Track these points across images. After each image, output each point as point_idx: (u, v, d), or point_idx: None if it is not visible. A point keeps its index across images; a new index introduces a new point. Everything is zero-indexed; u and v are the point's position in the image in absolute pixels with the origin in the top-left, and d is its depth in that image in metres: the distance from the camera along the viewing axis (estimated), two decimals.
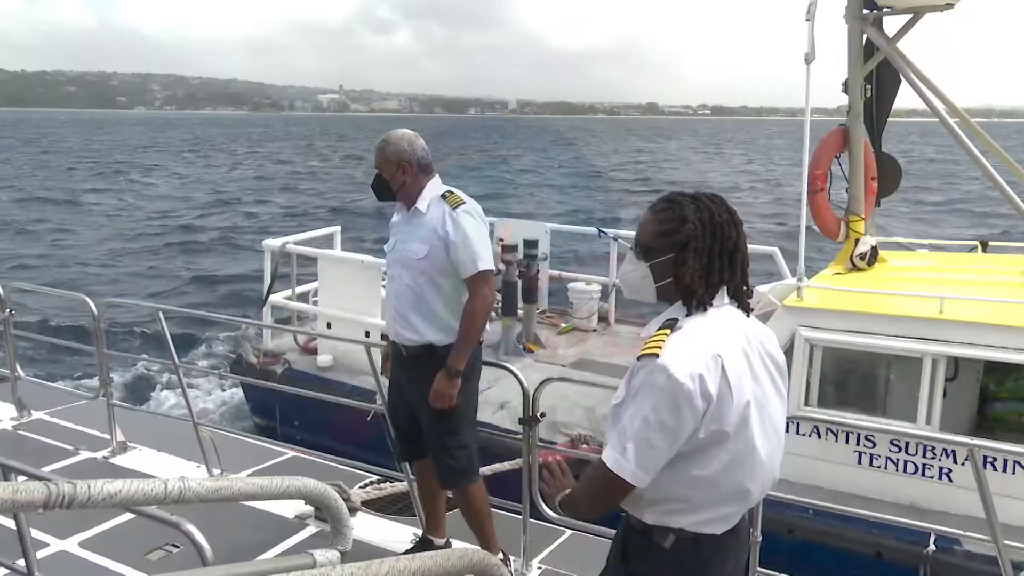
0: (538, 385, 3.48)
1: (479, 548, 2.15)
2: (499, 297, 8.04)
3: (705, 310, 1.85)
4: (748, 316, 1.94)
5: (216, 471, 4.68)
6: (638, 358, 1.80)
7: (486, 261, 3.26)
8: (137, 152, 62.24)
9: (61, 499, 1.31)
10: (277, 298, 7.40)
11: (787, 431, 2.04)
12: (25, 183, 36.08)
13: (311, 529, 4.11)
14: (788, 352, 5.15)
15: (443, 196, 3.31)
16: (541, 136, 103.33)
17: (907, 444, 4.97)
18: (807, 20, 5.43)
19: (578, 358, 7.38)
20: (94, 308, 5.02)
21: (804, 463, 5.01)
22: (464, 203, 3.29)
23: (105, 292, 12.74)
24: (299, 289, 7.60)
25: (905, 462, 4.98)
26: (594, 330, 8.18)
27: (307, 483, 1.88)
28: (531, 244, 7.70)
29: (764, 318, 5.44)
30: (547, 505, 3.19)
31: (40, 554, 2.76)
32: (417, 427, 3.51)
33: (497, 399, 6.23)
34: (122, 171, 43.41)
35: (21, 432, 5.47)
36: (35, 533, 2.62)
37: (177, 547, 3.78)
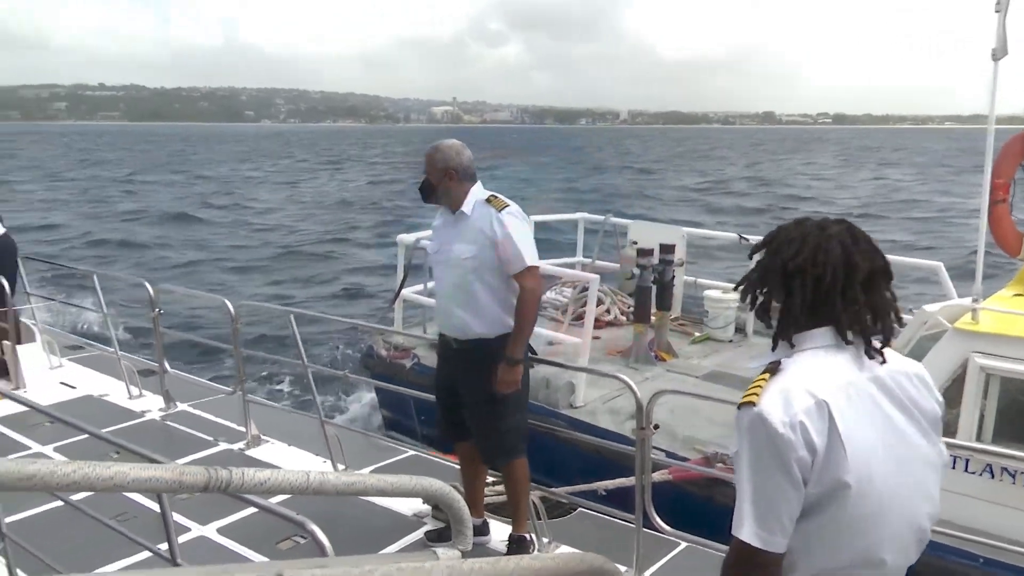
0: (652, 396, 3.49)
1: (598, 555, 2.15)
2: (631, 302, 7.83)
3: (803, 350, 1.65)
4: (881, 357, 1.66)
5: (340, 466, 4.84)
6: (739, 406, 1.62)
7: (532, 257, 3.53)
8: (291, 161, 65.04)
9: (219, 483, 1.40)
10: (408, 293, 7.42)
11: (954, 468, 1.71)
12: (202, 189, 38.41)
13: (427, 527, 4.15)
14: (959, 380, 4.67)
15: (487, 200, 3.56)
16: (671, 146, 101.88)
17: None
18: (996, 11, 4.90)
19: (712, 369, 7.01)
20: (232, 309, 5.28)
21: (973, 505, 4.46)
22: (508, 206, 3.54)
23: (265, 294, 13.42)
24: (431, 284, 7.59)
25: None
26: (730, 341, 7.78)
27: (433, 483, 1.91)
28: (667, 249, 7.40)
29: (931, 340, 4.92)
30: None
31: (181, 539, 2.86)
32: (458, 414, 3.78)
33: (625, 408, 6.03)
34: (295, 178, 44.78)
35: (168, 422, 5.79)
36: (177, 518, 2.71)
37: (305, 538, 3.84)
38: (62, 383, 6.54)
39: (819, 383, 1.58)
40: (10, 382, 6.39)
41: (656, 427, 3.59)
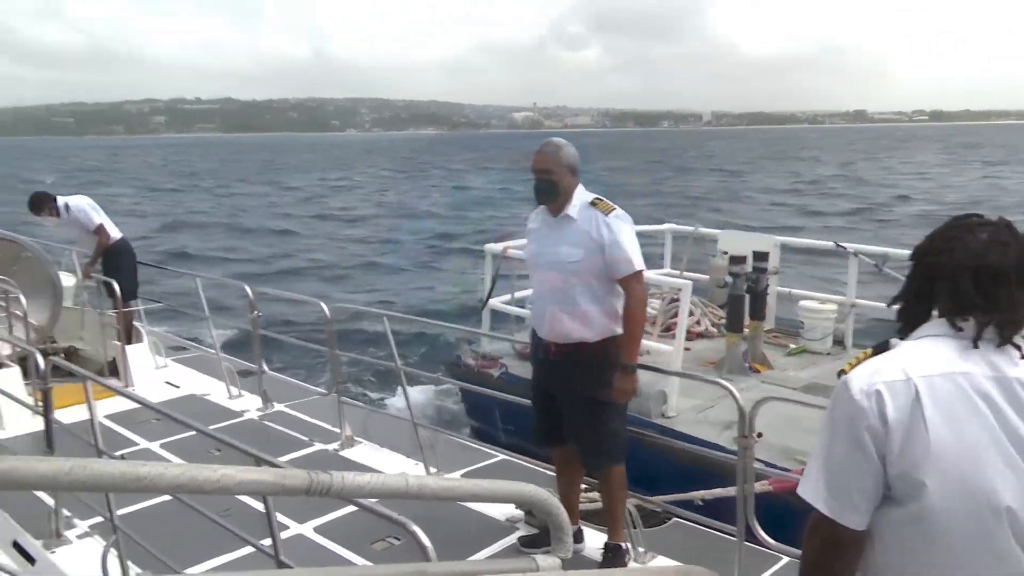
0: (755, 403, 3.35)
1: (704, 568, 2.08)
2: (722, 313, 7.64)
3: (918, 337, 1.58)
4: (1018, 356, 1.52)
5: (433, 469, 4.86)
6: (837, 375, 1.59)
7: (640, 261, 3.50)
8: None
9: (320, 487, 1.40)
10: (496, 302, 7.44)
11: None
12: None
13: (519, 532, 4.11)
14: None
15: (592, 203, 3.50)
16: (758, 147, 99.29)
17: None
18: None
19: (810, 382, 6.74)
20: (327, 311, 5.36)
21: None
22: (615, 209, 3.49)
23: (359, 299, 13.70)
24: (518, 294, 7.60)
25: None
26: (827, 353, 7.46)
27: (531, 489, 1.90)
28: (760, 257, 7.17)
29: None
30: None
31: (282, 536, 2.94)
32: (554, 418, 3.73)
33: (720, 419, 5.91)
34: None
35: (266, 422, 5.95)
36: (278, 516, 2.78)
37: (399, 540, 3.93)
38: (167, 382, 6.83)
39: (918, 365, 1.50)
40: (120, 380, 6.71)
41: (759, 435, 3.46)
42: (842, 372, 1.57)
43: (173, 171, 70.53)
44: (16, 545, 4.16)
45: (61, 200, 7.15)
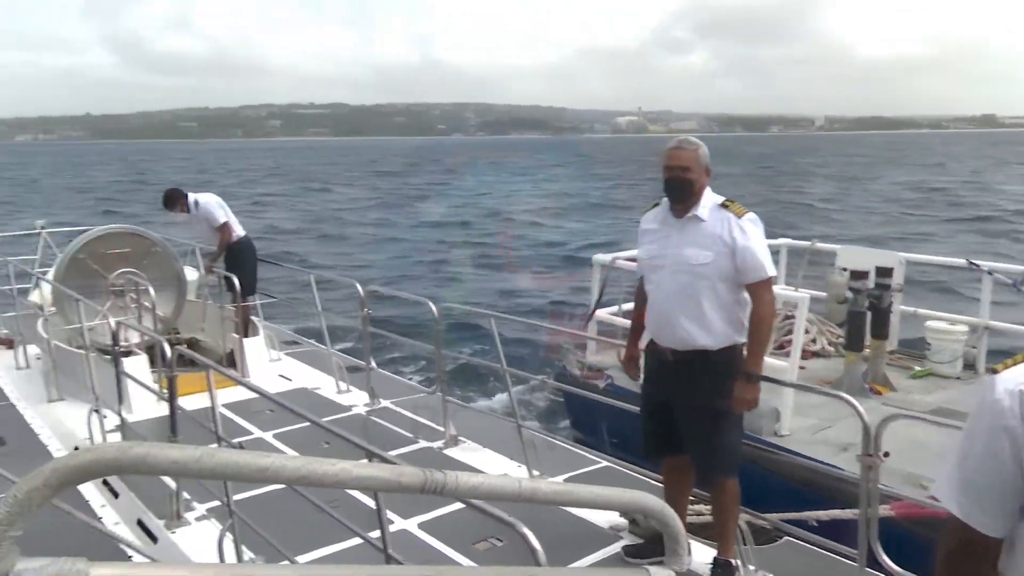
0: (883, 420, 3.19)
1: None
2: (840, 332, 7.28)
3: None
4: None
5: (536, 472, 4.81)
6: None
7: (771, 267, 3.40)
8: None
9: (434, 486, 1.40)
10: (603, 313, 7.34)
11: None
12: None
13: (624, 541, 4.02)
14: None
15: (723, 204, 3.40)
16: (876, 152, 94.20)
17: None
18: None
19: (937, 407, 6.32)
20: (435, 311, 5.42)
21: None
22: (748, 212, 3.40)
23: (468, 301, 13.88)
24: (626, 306, 7.48)
25: None
26: (957, 378, 6.98)
27: (647, 498, 1.86)
28: (883, 272, 6.78)
29: None
30: None
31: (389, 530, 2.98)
32: (668, 428, 3.61)
33: (836, 440, 5.65)
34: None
35: (372, 417, 6.05)
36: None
37: (501, 541, 3.92)
38: (280, 375, 7.06)
39: None
40: (236, 372, 6.98)
41: (887, 455, 3.25)
42: (993, 371, 1.44)
43: (287, 173, 72.78)
44: (140, 523, 4.38)
45: (192, 197, 7.52)
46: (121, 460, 1.07)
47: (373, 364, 6.49)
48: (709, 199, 3.45)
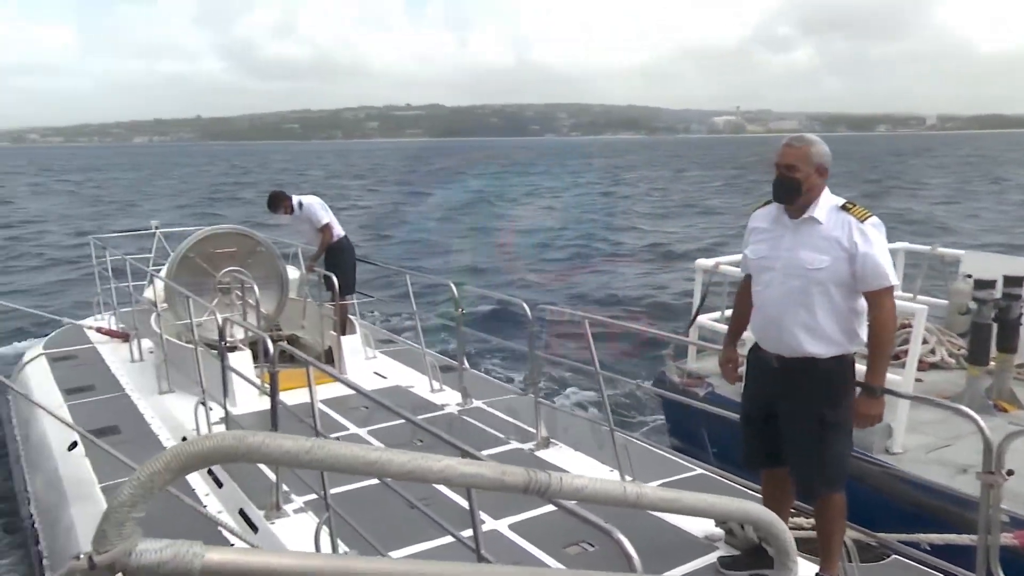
0: (1007, 436, 3.02)
1: None
2: (962, 343, 6.84)
3: None
4: None
5: (628, 477, 4.68)
6: None
7: (893, 275, 3.23)
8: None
9: (538, 486, 1.41)
10: (705, 319, 7.13)
11: None
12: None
13: (719, 552, 3.89)
14: None
15: (843, 207, 3.24)
16: (998, 153, 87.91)
17: None
18: None
19: None
20: (529, 312, 5.42)
21: None
22: (871, 215, 3.23)
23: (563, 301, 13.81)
24: (729, 312, 7.25)
25: None
26: None
27: (756, 508, 1.82)
28: (1012, 282, 6.30)
29: None
30: None
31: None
32: (769, 437, 3.48)
33: (953, 460, 5.30)
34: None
35: (464, 417, 6.07)
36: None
37: (592, 546, 3.86)
38: (375, 373, 7.19)
39: None
40: (334, 368, 7.13)
41: (1010, 473, 3.02)
42: None
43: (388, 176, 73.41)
44: (242, 512, 4.52)
45: (296, 198, 7.74)
46: (238, 448, 1.11)
47: (466, 364, 6.51)
48: (827, 200, 3.28)
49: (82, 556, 1.02)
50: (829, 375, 3.28)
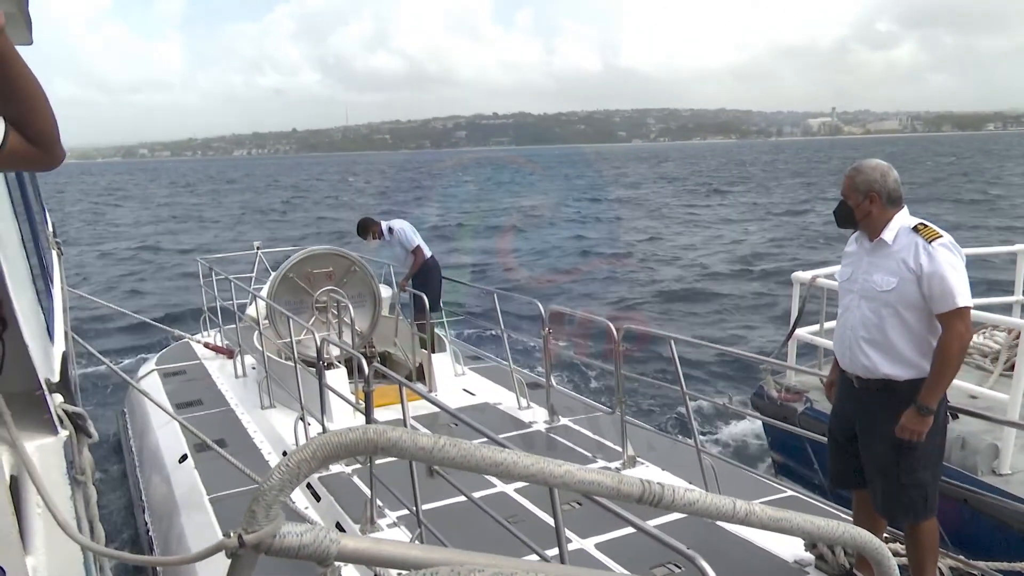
0: None
1: None
2: None
3: None
4: None
5: None
6: None
7: (964, 296, 3.16)
8: None
9: (652, 497, 1.44)
10: (803, 332, 7.00)
11: None
12: None
13: None
14: None
15: (914, 228, 3.27)
16: None
17: None
18: None
19: None
20: (615, 332, 5.40)
21: None
22: (941, 236, 3.22)
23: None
24: (828, 325, 7.08)
25: None
26: None
27: (863, 535, 1.80)
28: None
29: None
30: None
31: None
32: (852, 457, 3.50)
33: None
34: None
35: (551, 434, 6.13)
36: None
37: (679, 568, 3.84)
38: (464, 390, 7.33)
39: None
40: (425, 385, 7.33)
41: None
42: None
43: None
44: (338, 526, 4.70)
45: (385, 224, 8.01)
46: (378, 442, 1.16)
47: (553, 382, 6.57)
48: (899, 222, 3.33)
49: (232, 534, 1.08)
50: (907, 398, 3.25)
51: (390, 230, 7.98)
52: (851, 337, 3.41)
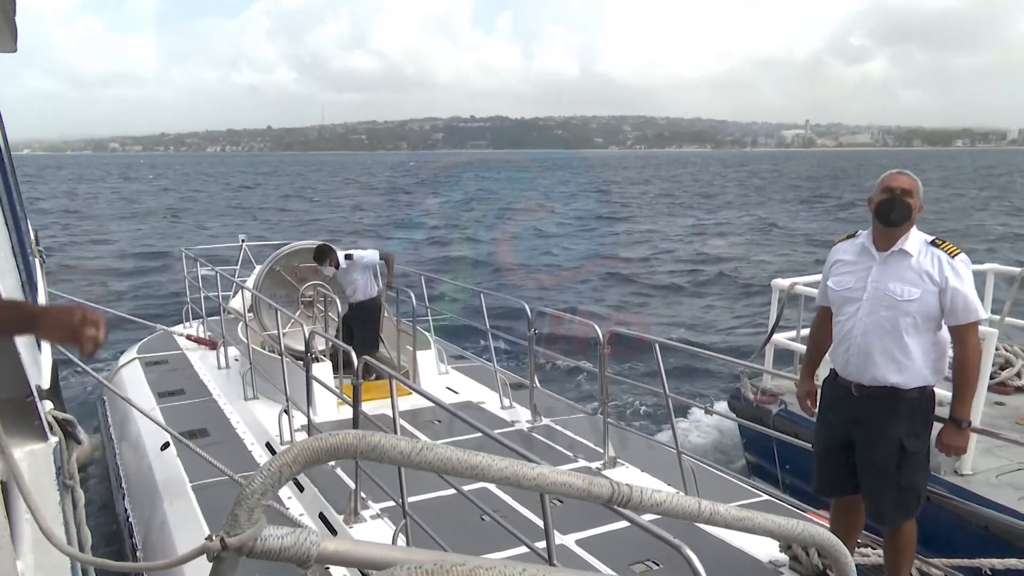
0: None
1: None
2: None
3: None
4: None
5: None
6: None
7: (982, 310, 3.35)
8: None
9: (620, 498, 1.48)
10: (781, 338, 7.15)
11: None
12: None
13: None
14: None
15: (933, 242, 3.36)
16: None
17: None
18: None
19: None
20: (600, 334, 5.45)
21: None
22: (960, 252, 3.34)
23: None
24: (804, 331, 7.24)
25: None
26: None
27: (823, 533, 1.87)
28: None
29: None
30: None
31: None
32: (843, 464, 3.55)
33: None
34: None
35: (533, 434, 6.17)
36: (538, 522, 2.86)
37: (658, 565, 3.89)
38: (447, 388, 7.36)
39: None
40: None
41: None
42: None
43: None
44: (322, 516, 4.72)
45: (342, 253, 7.46)
46: (358, 446, 1.18)
47: (536, 383, 6.63)
48: (917, 235, 3.41)
49: (215, 537, 1.10)
50: (912, 405, 3.35)
51: (348, 257, 7.41)
52: (861, 346, 3.40)
